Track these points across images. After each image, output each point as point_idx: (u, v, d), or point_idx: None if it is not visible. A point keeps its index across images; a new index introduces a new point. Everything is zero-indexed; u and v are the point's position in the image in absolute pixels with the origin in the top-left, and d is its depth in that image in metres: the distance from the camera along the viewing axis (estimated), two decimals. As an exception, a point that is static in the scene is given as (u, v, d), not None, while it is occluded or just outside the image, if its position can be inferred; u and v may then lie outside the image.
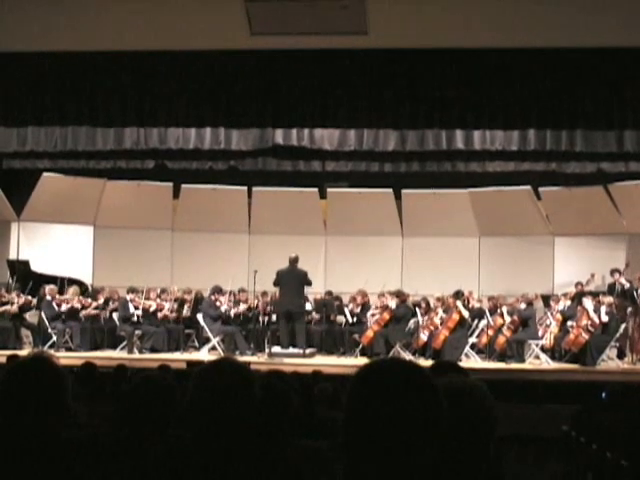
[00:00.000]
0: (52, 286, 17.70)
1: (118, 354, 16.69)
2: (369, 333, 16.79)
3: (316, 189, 20.77)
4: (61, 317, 17.30)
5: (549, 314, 17.19)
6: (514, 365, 16.06)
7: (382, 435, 2.07)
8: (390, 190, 20.38)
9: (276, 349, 16.59)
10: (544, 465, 9.50)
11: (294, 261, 17.00)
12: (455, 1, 12.59)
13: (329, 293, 18.73)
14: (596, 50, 13.94)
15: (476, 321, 17.33)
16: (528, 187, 19.65)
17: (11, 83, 15.18)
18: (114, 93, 15.27)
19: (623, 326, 16.35)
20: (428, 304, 17.74)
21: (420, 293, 18.29)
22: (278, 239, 20.12)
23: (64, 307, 17.42)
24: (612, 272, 17.95)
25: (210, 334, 17.14)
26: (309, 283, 17.08)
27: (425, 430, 2.09)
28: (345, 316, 18.08)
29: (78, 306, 17.62)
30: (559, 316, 16.90)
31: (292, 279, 16.81)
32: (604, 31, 13.09)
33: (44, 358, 3.44)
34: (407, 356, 16.67)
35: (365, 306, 18.01)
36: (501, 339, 16.72)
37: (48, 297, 17.44)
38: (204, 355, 16.47)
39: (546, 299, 18.20)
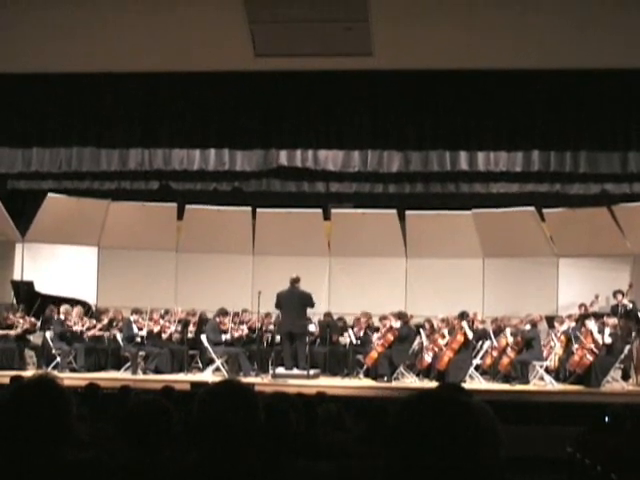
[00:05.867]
0: (67, 306, 17.74)
1: (122, 375, 16.65)
2: (373, 354, 16.74)
3: (320, 210, 20.79)
4: (67, 338, 17.28)
5: (553, 335, 17.16)
6: (518, 386, 16.01)
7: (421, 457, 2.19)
8: (394, 211, 20.40)
9: (280, 370, 16.55)
10: (549, 487, 9.46)
11: (294, 282, 16.98)
12: (459, 23, 12.62)
13: (328, 314, 18.70)
14: (600, 71, 13.97)
15: (480, 342, 17.28)
16: (532, 208, 19.65)
17: (16, 104, 15.22)
18: (118, 114, 15.31)
19: (628, 347, 16.32)
20: (432, 325, 17.71)
21: (424, 314, 18.25)
22: (282, 260, 20.12)
23: (75, 328, 17.44)
24: (615, 294, 17.93)
25: (214, 355, 17.11)
26: (311, 305, 17.07)
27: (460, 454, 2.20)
28: (349, 337, 18.04)
29: (80, 327, 17.61)
30: (563, 337, 16.88)
31: (293, 300, 16.78)
32: (608, 52, 13.13)
33: (48, 379, 3.44)
34: (410, 377, 16.66)
35: (369, 328, 17.98)
36: (505, 360, 16.67)
37: (62, 316, 17.45)
38: (208, 376, 16.42)
39: (550, 320, 18.17)
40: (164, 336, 17.75)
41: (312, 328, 17.70)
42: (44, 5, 12.64)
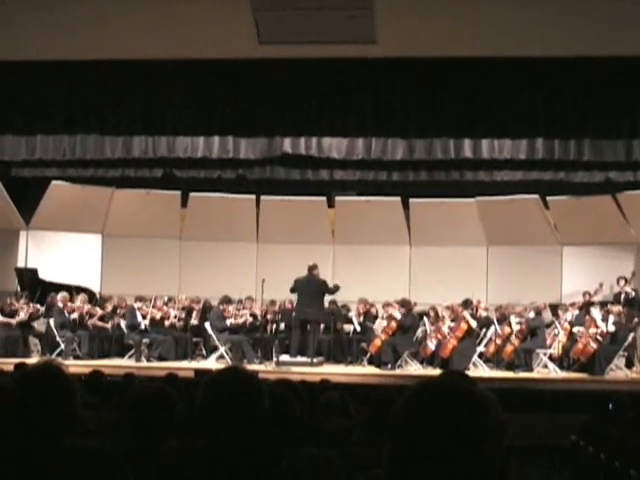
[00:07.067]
0: (64, 294, 17.73)
1: (126, 362, 16.70)
2: (377, 342, 16.75)
3: (324, 198, 20.79)
4: (70, 325, 17.31)
5: (557, 323, 17.16)
6: (522, 374, 16.03)
7: (429, 446, 2.17)
8: (398, 199, 20.40)
9: (284, 358, 16.58)
10: (552, 475, 9.47)
11: (312, 269, 17.01)
12: (464, 10, 12.58)
13: (333, 302, 18.67)
14: (605, 59, 13.92)
15: (484, 330, 17.30)
16: (536, 196, 19.64)
17: (20, 92, 15.21)
18: (122, 102, 15.28)
19: (631, 335, 16.32)
20: (436, 313, 17.70)
21: (428, 302, 18.25)
22: (286, 248, 20.16)
23: (75, 315, 17.46)
24: (618, 280, 17.96)
25: (218, 343, 17.13)
26: (330, 291, 17.10)
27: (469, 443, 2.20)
28: (353, 325, 18.07)
29: (86, 314, 17.65)
30: (567, 325, 16.88)
31: (309, 287, 16.82)
32: (613, 40, 13.08)
33: (53, 366, 3.44)
34: (414, 365, 16.68)
35: (368, 315, 18.00)
36: (509, 348, 16.69)
37: (60, 304, 17.46)
38: (212, 364, 16.46)
39: (554, 308, 18.17)
40: (168, 323, 17.80)
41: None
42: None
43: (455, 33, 13.12)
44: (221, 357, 17.04)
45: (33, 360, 14.56)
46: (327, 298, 17.72)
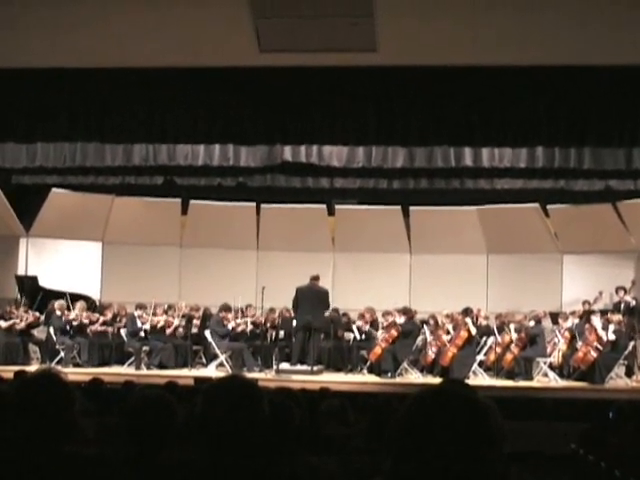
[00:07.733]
0: (61, 301, 17.71)
1: (126, 370, 16.69)
2: (377, 350, 16.74)
3: (324, 206, 20.80)
4: (69, 333, 17.30)
5: (557, 332, 17.15)
6: (522, 383, 16.02)
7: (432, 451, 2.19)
8: (398, 207, 20.40)
9: (284, 366, 16.58)
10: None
11: (314, 279, 17.08)
12: (464, 18, 12.58)
13: (335, 310, 18.66)
14: (605, 68, 13.92)
15: (484, 338, 17.30)
16: (536, 204, 19.65)
17: (20, 99, 15.21)
18: (123, 109, 15.27)
19: (632, 344, 16.32)
20: (436, 321, 17.70)
21: (428, 310, 18.25)
22: (286, 255, 20.17)
23: (73, 322, 17.44)
24: (617, 290, 17.96)
25: (218, 350, 17.12)
26: (327, 305, 17.17)
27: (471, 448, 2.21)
28: (353, 333, 18.05)
29: (86, 321, 17.64)
30: (567, 334, 16.87)
31: (311, 296, 16.86)
32: (613, 48, 13.09)
33: (52, 374, 3.44)
34: (414, 373, 16.66)
35: (374, 323, 17.98)
36: (509, 357, 16.68)
37: (57, 312, 17.45)
38: (211, 371, 16.45)
39: (554, 317, 18.16)
40: (168, 331, 17.77)
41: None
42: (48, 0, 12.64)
43: (456, 41, 13.13)
44: (221, 365, 17.02)
45: (33, 368, 14.55)
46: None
